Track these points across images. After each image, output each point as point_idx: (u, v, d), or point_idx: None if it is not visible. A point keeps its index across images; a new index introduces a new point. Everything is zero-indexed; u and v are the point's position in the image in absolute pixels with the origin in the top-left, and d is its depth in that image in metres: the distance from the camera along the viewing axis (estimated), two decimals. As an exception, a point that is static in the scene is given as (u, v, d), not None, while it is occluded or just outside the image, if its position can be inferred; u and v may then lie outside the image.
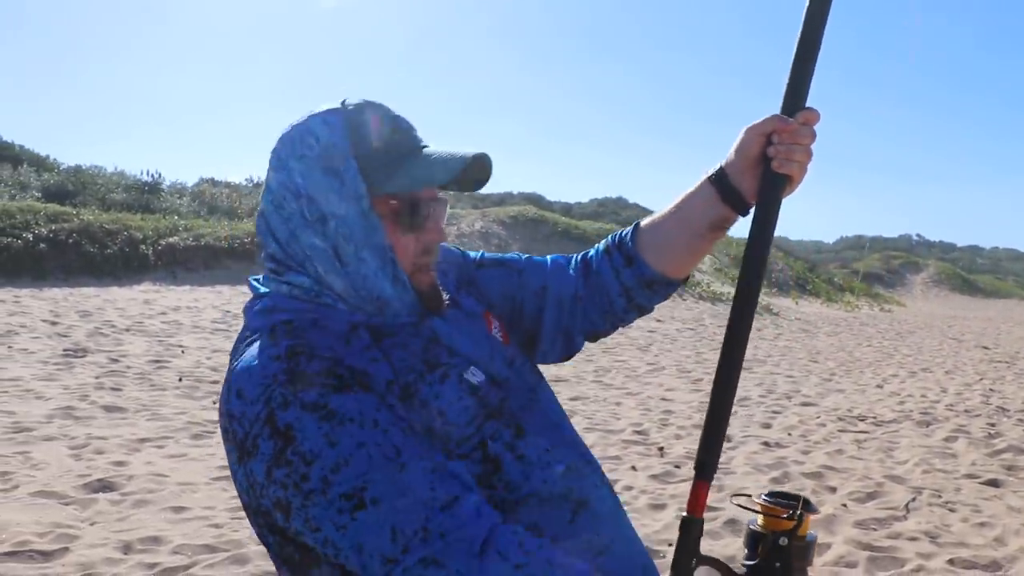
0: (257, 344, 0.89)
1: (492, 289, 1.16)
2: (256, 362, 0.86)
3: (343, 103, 0.94)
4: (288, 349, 0.86)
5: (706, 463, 1.07)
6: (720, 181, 1.08)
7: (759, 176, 1.05)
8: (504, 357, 1.05)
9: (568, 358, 1.21)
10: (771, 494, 1.09)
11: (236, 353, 0.93)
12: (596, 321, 1.18)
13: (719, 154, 1.11)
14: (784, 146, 1.02)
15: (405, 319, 0.96)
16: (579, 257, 1.21)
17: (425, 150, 0.96)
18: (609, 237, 1.20)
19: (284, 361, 0.84)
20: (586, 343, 1.22)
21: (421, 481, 0.80)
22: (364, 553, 0.78)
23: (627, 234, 1.17)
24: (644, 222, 1.17)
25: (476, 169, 0.99)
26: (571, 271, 1.19)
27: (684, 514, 1.05)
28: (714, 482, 4.41)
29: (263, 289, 0.98)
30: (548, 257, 1.22)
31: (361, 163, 0.91)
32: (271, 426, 0.80)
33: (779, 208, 1.06)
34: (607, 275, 1.16)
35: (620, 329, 1.25)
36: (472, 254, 1.21)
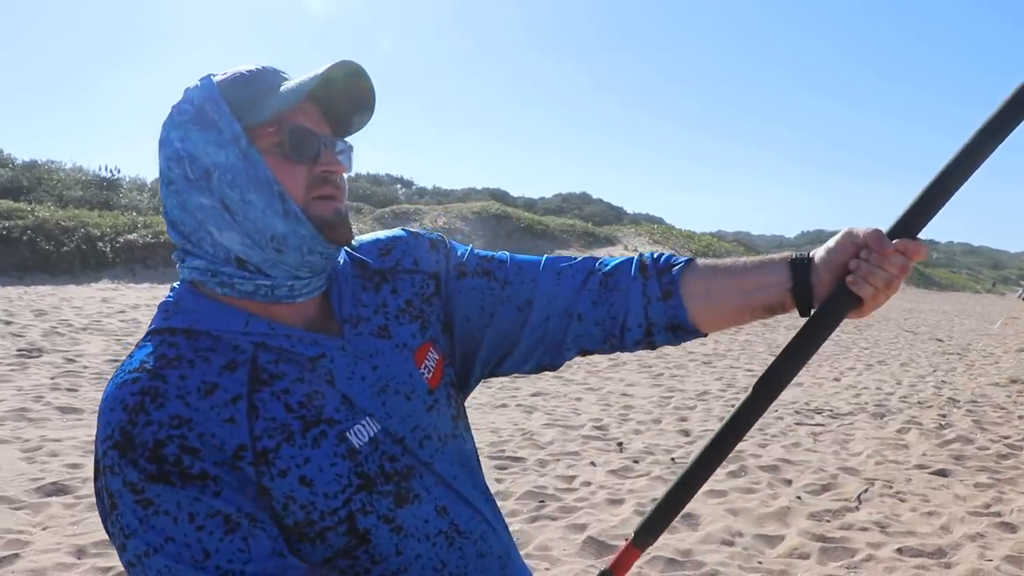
0: (137, 354, 0.85)
1: (470, 302, 1.05)
2: (117, 390, 0.81)
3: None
4: (143, 391, 0.80)
5: (648, 538, 1.09)
6: (799, 269, 0.99)
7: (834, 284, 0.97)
8: (420, 404, 0.96)
9: (550, 370, 1.10)
10: None
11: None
12: (594, 343, 1.06)
13: (680, 150, 1.02)
14: (867, 265, 0.94)
15: (301, 343, 0.89)
16: (589, 267, 1.08)
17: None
18: (648, 256, 1.07)
19: (128, 410, 0.79)
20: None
21: None
22: None
23: (676, 267, 1.05)
24: (700, 263, 1.06)
25: (354, 90, 0.91)
26: (569, 282, 1.06)
27: (606, 568, 1.10)
28: (671, 475, 4.47)
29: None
30: (542, 259, 1.10)
31: (233, 107, 0.87)
32: (104, 483, 0.79)
33: (835, 325, 0.97)
34: (633, 301, 1.04)
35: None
36: (460, 251, 1.09)
